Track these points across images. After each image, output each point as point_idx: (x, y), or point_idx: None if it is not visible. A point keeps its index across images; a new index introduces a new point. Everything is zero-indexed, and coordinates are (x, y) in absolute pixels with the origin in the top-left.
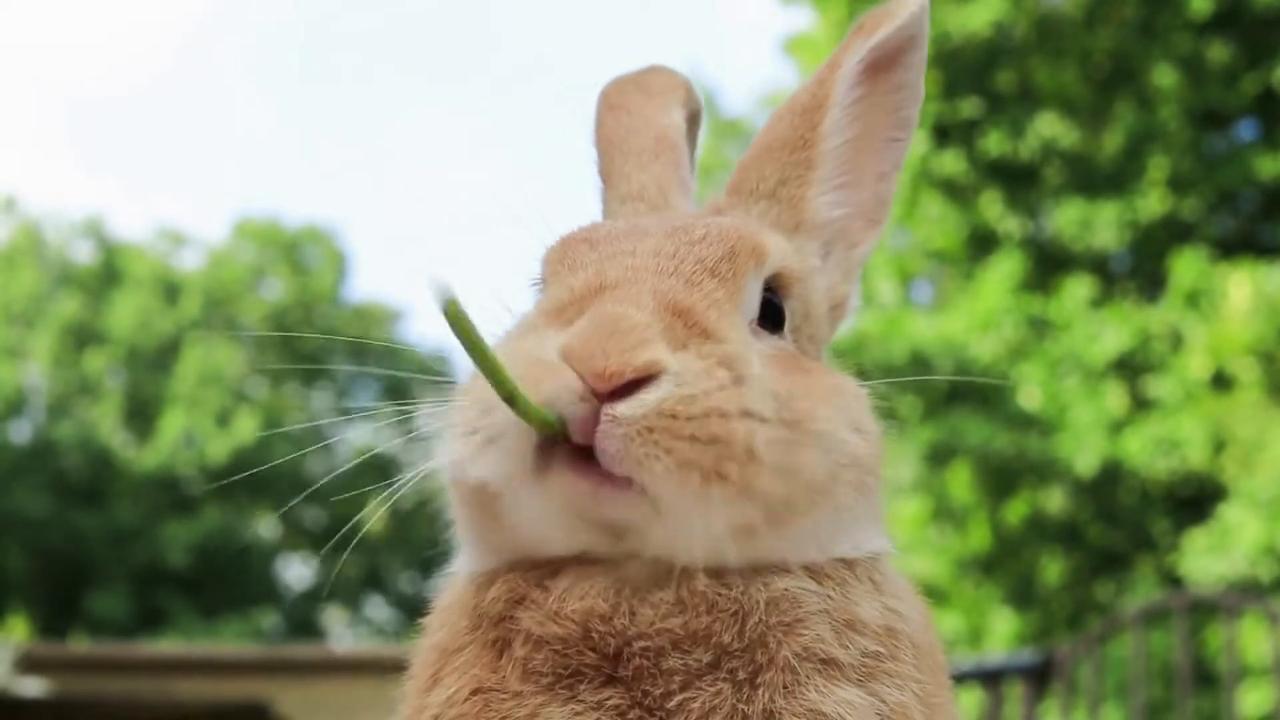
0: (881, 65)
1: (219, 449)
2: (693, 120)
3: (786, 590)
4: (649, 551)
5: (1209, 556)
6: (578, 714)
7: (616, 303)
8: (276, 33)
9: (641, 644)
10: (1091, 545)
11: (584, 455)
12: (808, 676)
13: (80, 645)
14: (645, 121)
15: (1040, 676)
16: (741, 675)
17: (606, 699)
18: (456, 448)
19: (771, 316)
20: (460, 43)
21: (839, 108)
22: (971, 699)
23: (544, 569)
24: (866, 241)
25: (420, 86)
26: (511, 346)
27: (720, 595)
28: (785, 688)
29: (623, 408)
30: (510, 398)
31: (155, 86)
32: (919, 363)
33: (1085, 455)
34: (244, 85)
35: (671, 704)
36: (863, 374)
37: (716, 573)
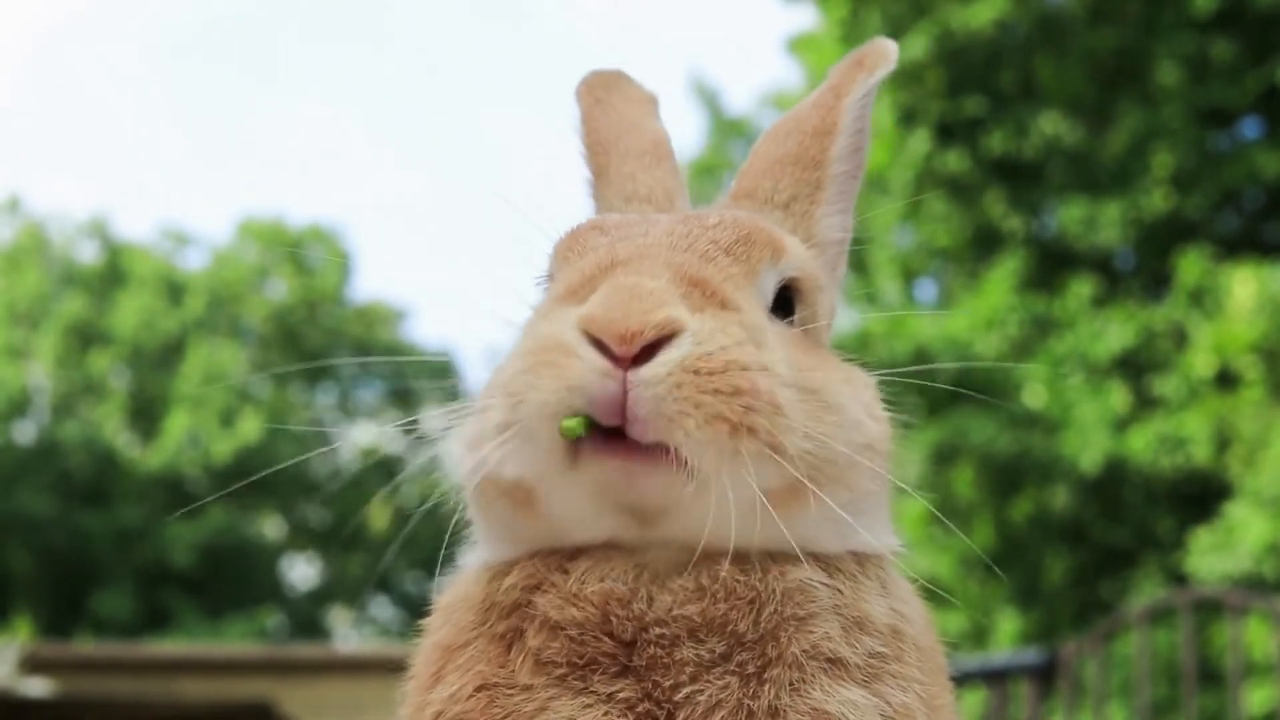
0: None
1: (223, 449)
2: None
3: (802, 582)
4: (678, 535)
5: (1214, 554)
6: (588, 706)
7: (631, 274)
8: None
9: (658, 630)
10: (1096, 544)
11: (614, 436)
12: (814, 675)
13: (85, 645)
14: (636, 124)
15: (1045, 675)
16: (750, 669)
17: (618, 691)
18: (485, 448)
19: (784, 309)
20: (458, 41)
21: (845, 135)
22: (976, 698)
23: (563, 554)
24: (842, 265)
25: (421, 84)
26: (529, 331)
27: (739, 582)
28: (791, 685)
29: (646, 371)
30: None
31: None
32: (922, 361)
33: (1089, 453)
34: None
35: (679, 696)
36: (867, 369)
37: (736, 560)
